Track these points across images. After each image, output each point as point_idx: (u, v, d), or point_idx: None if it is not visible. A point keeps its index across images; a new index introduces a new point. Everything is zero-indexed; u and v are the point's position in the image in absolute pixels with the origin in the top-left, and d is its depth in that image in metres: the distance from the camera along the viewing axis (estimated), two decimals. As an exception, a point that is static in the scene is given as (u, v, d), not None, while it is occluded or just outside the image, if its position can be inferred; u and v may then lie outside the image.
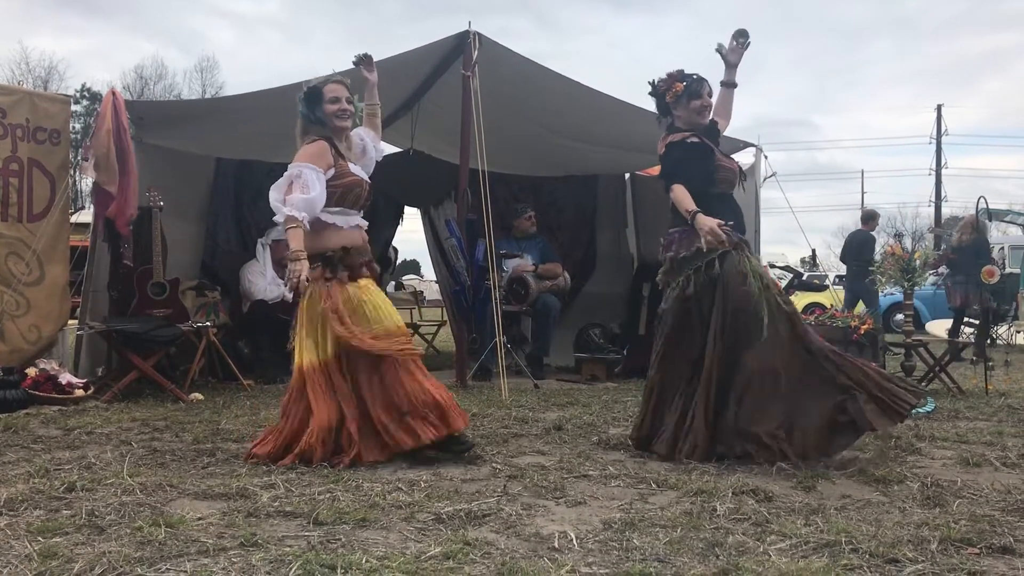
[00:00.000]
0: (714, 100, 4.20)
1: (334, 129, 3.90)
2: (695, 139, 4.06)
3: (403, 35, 64.70)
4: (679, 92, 4.09)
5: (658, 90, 4.17)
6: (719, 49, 4.22)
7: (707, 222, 3.80)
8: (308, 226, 3.73)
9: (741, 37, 4.20)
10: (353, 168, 3.93)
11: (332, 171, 3.81)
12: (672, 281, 4.07)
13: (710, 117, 4.17)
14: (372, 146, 4.15)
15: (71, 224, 6.32)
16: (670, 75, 4.15)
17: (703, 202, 3.93)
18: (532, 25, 71.59)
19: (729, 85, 4.29)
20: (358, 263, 3.88)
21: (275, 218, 3.77)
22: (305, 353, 3.77)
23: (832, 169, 64.15)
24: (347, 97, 3.91)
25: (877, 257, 7.09)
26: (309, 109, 3.88)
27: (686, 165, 4.00)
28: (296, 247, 3.69)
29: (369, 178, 4.05)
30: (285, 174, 3.78)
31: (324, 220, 3.80)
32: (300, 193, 3.69)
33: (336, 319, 3.71)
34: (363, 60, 4.21)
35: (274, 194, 3.76)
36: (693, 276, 3.94)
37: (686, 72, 4.14)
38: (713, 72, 4.22)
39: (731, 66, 4.24)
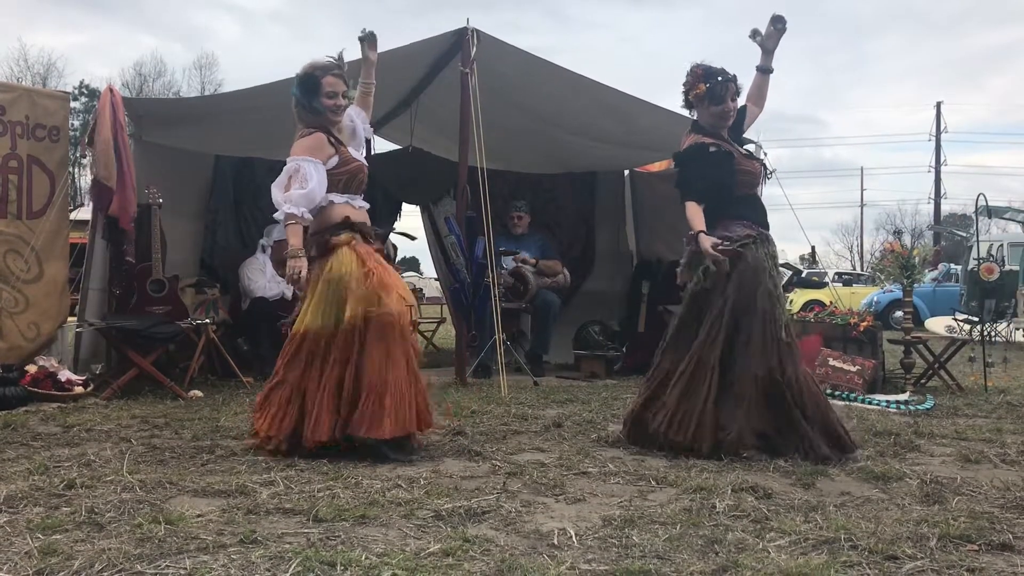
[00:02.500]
0: (741, 99, 4.15)
1: (328, 120, 3.90)
2: (714, 148, 4.02)
3: (411, 29, 64.44)
4: (701, 94, 4.04)
5: (684, 85, 4.12)
6: (754, 35, 4.15)
7: (705, 243, 3.87)
8: (310, 216, 3.74)
9: (778, 23, 4.12)
10: (354, 154, 3.96)
11: (336, 159, 3.84)
12: (690, 276, 4.05)
13: (733, 119, 4.11)
14: (361, 126, 4.12)
15: (71, 221, 6.31)
16: (695, 73, 4.07)
17: (726, 204, 3.97)
18: (542, 19, 71.41)
19: (764, 71, 4.21)
20: (369, 235, 3.91)
21: (275, 215, 3.77)
22: (310, 318, 3.76)
23: (837, 166, 64.03)
24: (344, 91, 3.90)
25: None
26: (304, 96, 3.85)
27: (702, 181, 3.99)
28: (296, 244, 3.70)
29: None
30: (284, 169, 3.79)
31: (334, 201, 3.84)
32: (298, 188, 3.70)
33: (372, 269, 3.73)
34: (368, 37, 4.14)
35: (275, 191, 3.78)
36: (705, 272, 3.95)
37: (713, 69, 4.05)
38: (726, 63, 4.17)
39: (767, 52, 4.17)
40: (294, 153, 3.79)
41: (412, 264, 28.09)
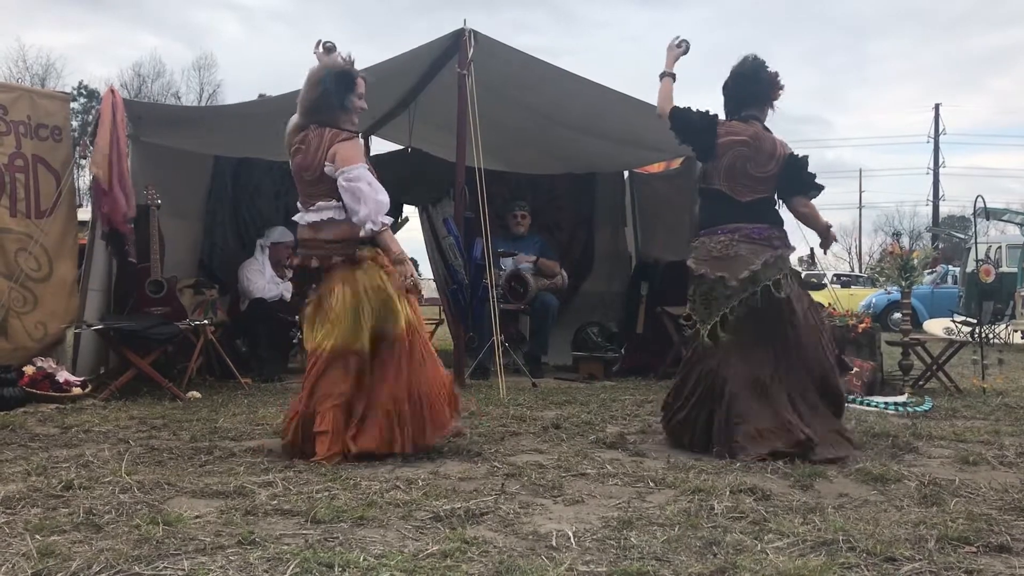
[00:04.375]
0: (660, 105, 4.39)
1: (351, 121, 3.84)
2: None
3: (413, 28, 64.29)
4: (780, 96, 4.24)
5: (774, 81, 4.19)
6: (678, 41, 4.42)
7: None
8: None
9: (684, 45, 4.41)
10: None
11: None
12: (774, 276, 4.01)
13: None
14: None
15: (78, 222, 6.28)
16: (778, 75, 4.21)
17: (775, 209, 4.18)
18: (547, 18, 71.35)
19: (673, 76, 4.43)
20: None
21: (367, 227, 3.64)
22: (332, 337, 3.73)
23: (837, 167, 63.92)
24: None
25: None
26: (339, 91, 3.74)
27: None
28: (399, 248, 3.75)
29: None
30: (357, 179, 3.63)
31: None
32: (379, 196, 3.68)
33: (406, 295, 3.76)
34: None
35: (368, 209, 3.64)
36: (781, 279, 4.01)
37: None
38: (723, 65, 4.31)
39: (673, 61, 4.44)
40: (355, 159, 3.68)
41: (410, 265, 28.06)
